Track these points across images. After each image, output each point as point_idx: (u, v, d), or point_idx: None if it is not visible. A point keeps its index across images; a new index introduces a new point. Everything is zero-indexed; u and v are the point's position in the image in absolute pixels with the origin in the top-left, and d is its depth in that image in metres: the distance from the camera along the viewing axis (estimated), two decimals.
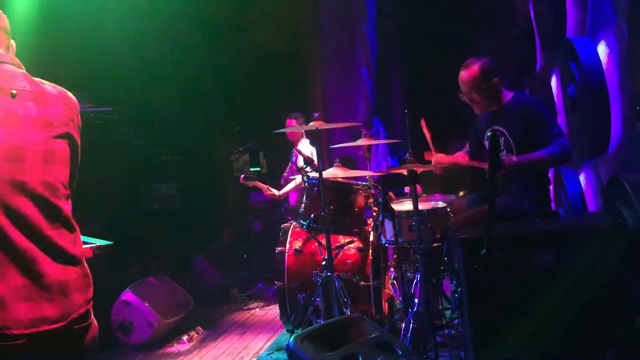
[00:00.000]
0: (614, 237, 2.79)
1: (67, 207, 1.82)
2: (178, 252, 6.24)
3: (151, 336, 4.66)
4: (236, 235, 7.09)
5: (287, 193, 5.79)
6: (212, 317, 5.54)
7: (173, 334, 4.85)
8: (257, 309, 5.71)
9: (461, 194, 5.77)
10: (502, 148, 3.64)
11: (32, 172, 1.72)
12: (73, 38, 5.46)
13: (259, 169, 7.44)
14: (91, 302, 1.85)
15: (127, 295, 4.74)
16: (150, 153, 6.86)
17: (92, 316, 1.86)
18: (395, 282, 4.47)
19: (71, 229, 1.82)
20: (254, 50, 7.40)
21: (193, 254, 6.40)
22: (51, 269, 1.70)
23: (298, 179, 5.54)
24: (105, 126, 6.14)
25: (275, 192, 5.76)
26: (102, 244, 2.76)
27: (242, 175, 5.75)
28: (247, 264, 6.68)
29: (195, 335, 4.96)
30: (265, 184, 5.81)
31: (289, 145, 5.97)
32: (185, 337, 4.85)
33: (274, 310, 5.55)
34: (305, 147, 5.50)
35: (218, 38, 7.05)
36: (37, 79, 1.86)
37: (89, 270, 1.87)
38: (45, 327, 1.66)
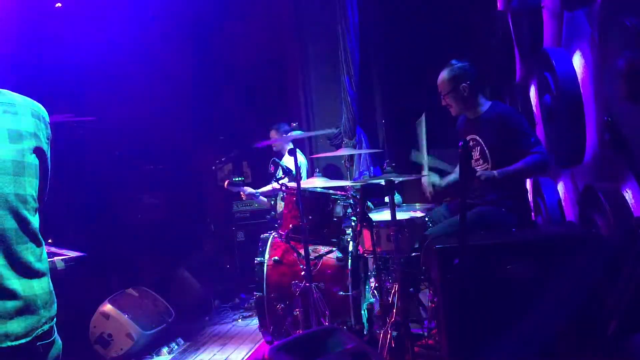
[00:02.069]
0: (588, 246, 2.81)
1: (35, 220, 1.80)
2: (160, 263, 6.20)
3: (131, 348, 4.61)
4: (219, 245, 7.06)
5: (266, 194, 5.77)
6: (193, 328, 5.50)
7: (153, 346, 4.81)
8: (239, 320, 5.68)
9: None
10: (477, 157, 3.68)
11: (4, 184, 1.69)
12: (55, 48, 5.44)
13: (242, 178, 7.42)
14: (55, 319, 1.82)
15: (106, 307, 4.69)
16: (133, 163, 6.83)
17: (56, 333, 1.83)
18: (375, 291, 4.46)
19: (38, 244, 1.80)
20: (237, 60, 7.40)
21: (175, 265, 6.36)
22: (17, 285, 1.67)
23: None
24: (87, 136, 6.11)
25: (253, 190, 5.74)
26: (74, 256, 2.73)
27: (227, 181, 5.74)
28: (230, 274, 6.64)
29: (176, 346, 4.92)
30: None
31: (274, 155, 5.97)
32: (165, 349, 4.81)
33: (256, 321, 5.51)
34: (287, 158, 5.50)
35: (201, 48, 7.05)
36: (5, 90, 1.85)
37: (52, 287, 1.85)
38: (9, 343, 1.62)
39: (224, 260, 6.76)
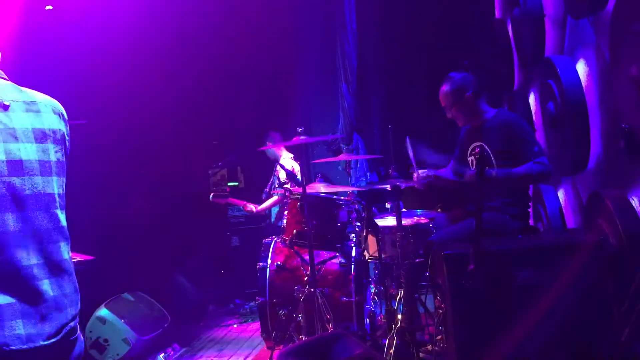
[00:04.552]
0: (596, 253, 2.82)
1: (63, 218, 1.80)
2: (154, 268, 6.13)
3: (127, 354, 4.55)
4: (214, 250, 7.01)
5: (267, 209, 5.74)
6: (189, 333, 5.45)
7: (149, 351, 4.75)
8: (235, 325, 5.64)
9: (438, 210, 5.79)
10: None
11: (32, 185, 1.69)
12: (48, 49, 5.38)
13: (236, 183, 7.39)
14: (78, 317, 1.82)
15: (102, 311, 4.63)
16: (126, 167, 6.75)
17: (79, 331, 1.82)
18: (376, 297, 4.45)
19: (67, 242, 1.80)
20: (232, 65, 7.37)
21: (170, 269, 6.30)
22: (47, 285, 1.67)
23: (276, 196, 5.51)
24: (79, 139, 6.01)
25: (253, 207, 5.71)
26: (83, 259, 2.71)
27: (212, 194, 5.66)
28: (225, 279, 6.60)
29: (172, 352, 4.87)
30: (243, 199, 5.75)
31: (269, 161, 5.95)
32: (161, 355, 4.75)
33: (251, 327, 5.49)
34: (288, 163, 5.47)
35: (196, 52, 7.01)
36: (27, 89, 1.84)
37: (77, 284, 1.84)
38: (41, 343, 1.62)
39: (218, 265, 6.71)
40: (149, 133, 6.68)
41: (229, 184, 7.29)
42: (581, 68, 3.62)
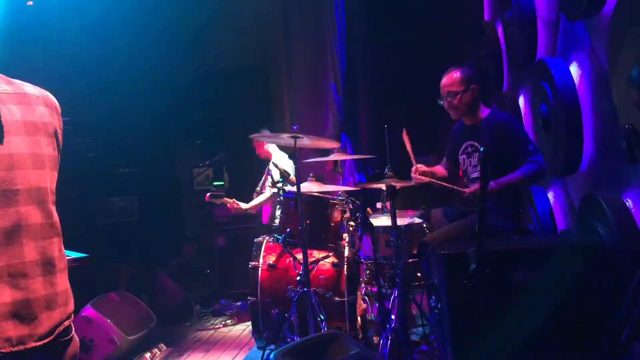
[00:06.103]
0: (593, 254, 2.84)
1: (55, 213, 1.73)
2: (139, 267, 6.04)
3: (113, 354, 4.48)
4: (199, 250, 6.95)
5: (256, 207, 5.68)
6: (175, 333, 5.38)
7: (135, 352, 4.67)
8: (221, 326, 5.58)
9: (422, 209, 5.80)
10: (475, 163, 3.69)
11: (25, 179, 1.62)
12: (28, 47, 5.27)
13: (222, 182, 7.32)
14: (72, 317, 1.76)
15: (88, 311, 4.54)
16: (106, 166, 6.65)
17: (73, 331, 1.77)
18: (367, 297, 4.44)
19: (60, 238, 1.74)
20: (218, 63, 7.31)
21: (154, 269, 6.22)
22: (40, 283, 1.61)
23: (267, 193, 5.46)
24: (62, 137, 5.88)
25: (242, 205, 5.63)
26: (77, 257, 2.64)
27: (208, 194, 5.56)
28: (210, 279, 6.54)
29: (158, 352, 4.80)
30: (230, 198, 5.70)
31: (254, 161, 5.90)
32: (148, 355, 4.68)
33: (238, 327, 5.44)
34: (282, 162, 5.43)
35: (184, 50, 6.94)
36: (17, 80, 1.77)
37: (68, 283, 1.79)
38: (32, 344, 1.56)
39: (204, 265, 6.65)
40: (131, 131, 6.60)
41: (215, 183, 7.22)
42: (574, 70, 3.65)
